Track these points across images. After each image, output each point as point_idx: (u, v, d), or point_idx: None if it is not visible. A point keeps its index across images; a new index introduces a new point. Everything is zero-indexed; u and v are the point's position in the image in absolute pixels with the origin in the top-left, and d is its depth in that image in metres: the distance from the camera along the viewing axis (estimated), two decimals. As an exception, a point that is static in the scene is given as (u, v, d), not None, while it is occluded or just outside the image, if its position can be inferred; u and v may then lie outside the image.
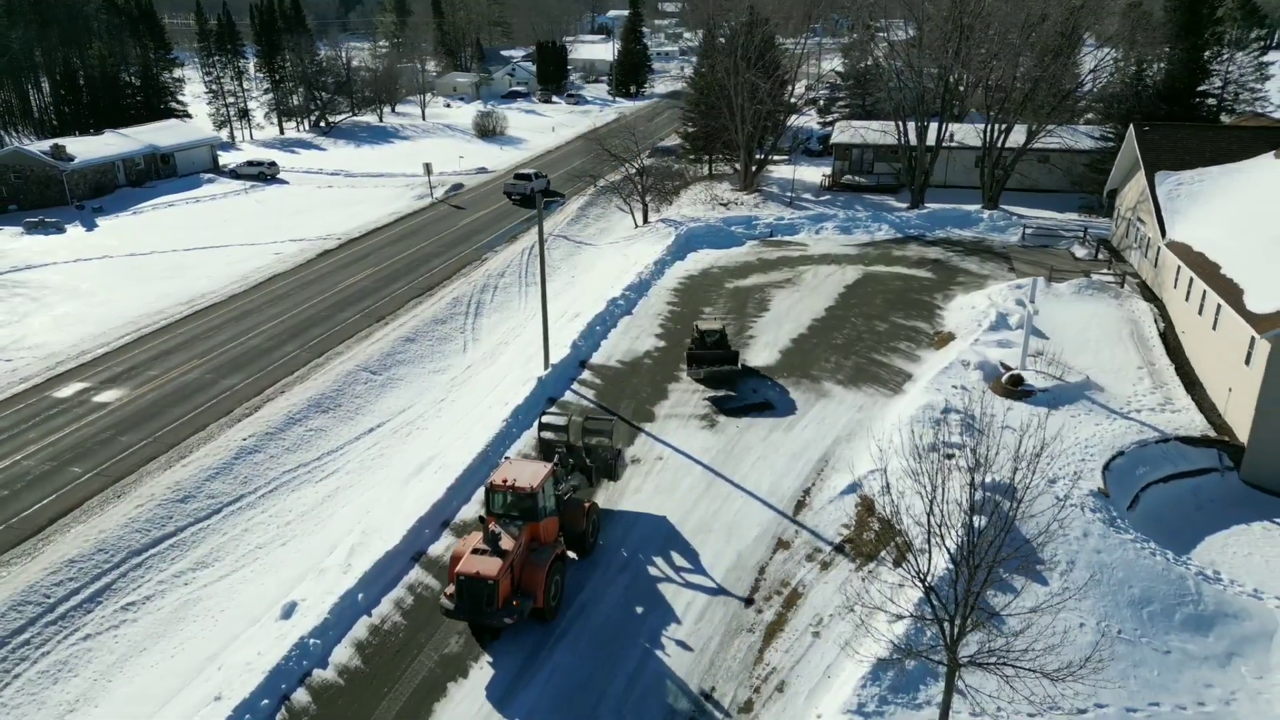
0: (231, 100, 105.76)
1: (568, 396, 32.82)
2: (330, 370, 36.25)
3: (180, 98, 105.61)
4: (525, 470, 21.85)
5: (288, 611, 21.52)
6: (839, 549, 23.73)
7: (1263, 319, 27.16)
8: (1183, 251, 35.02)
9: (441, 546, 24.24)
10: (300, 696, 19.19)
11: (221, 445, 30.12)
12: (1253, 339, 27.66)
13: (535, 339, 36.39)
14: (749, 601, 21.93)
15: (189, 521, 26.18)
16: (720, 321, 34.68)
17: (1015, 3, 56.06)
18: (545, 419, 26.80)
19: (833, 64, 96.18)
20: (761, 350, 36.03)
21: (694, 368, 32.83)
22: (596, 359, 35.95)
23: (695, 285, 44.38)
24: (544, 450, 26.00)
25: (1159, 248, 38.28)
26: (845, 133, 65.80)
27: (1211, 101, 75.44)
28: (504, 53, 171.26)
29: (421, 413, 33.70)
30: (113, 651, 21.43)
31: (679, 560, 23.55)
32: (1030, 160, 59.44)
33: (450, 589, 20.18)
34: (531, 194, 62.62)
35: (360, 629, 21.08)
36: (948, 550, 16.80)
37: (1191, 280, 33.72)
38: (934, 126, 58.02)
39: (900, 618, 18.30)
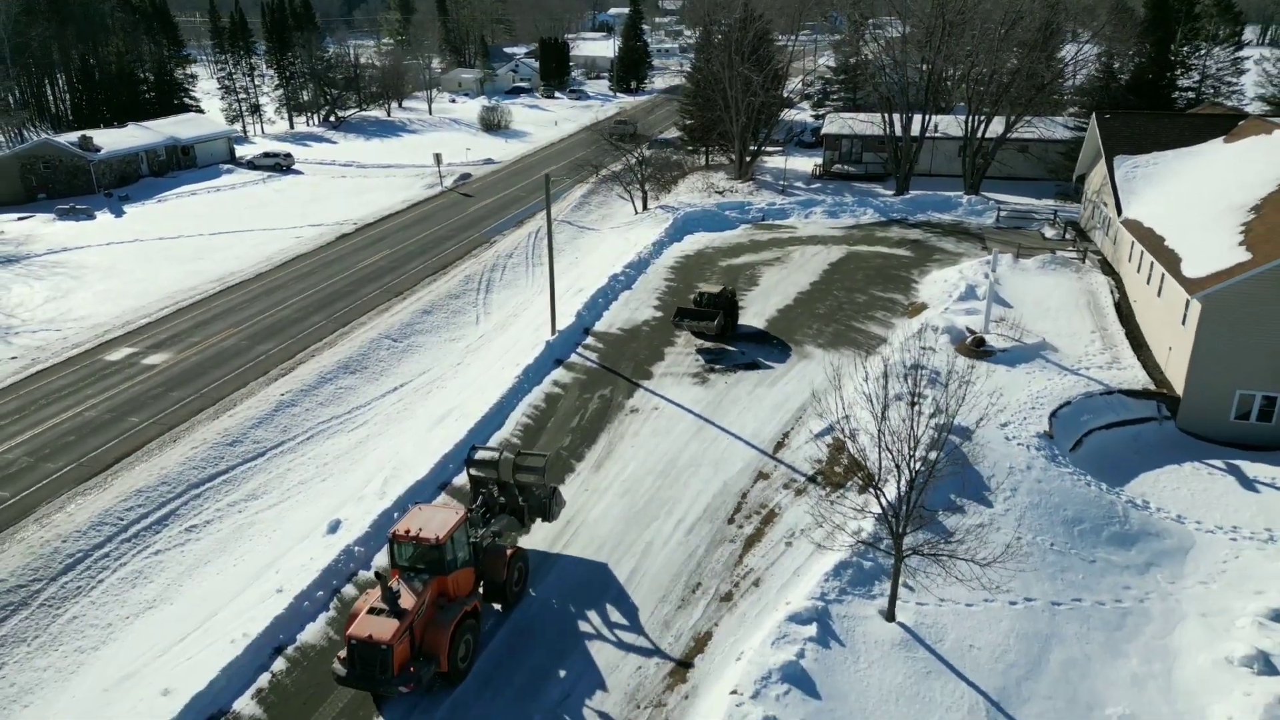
0: (243, 96, 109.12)
1: (573, 359, 36.15)
2: (355, 338, 39.60)
3: (193, 94, 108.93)
4: (433, 519, 19.96)
5: (333, 527, 24.89)
6: (811, 479, 27.06)
7: (1195, 282, 30.46)
8: (1135, 228, 38.30)
9: (463, 478, 27.60)
10: (349, 590, 22.59)
11: (262, 400, 33.49)
12: (1188, 301, 30.96)
13: (543, 312, 39.71)
14: (732, 520, 25.28)
15: (238, 461, 29.54)
16: (720, 285, 38.02)
17: (995, 1, 59.35)
18: (475, 455, 24.10)
19: (826, 59, 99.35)
20: (751, 319, 39.31)
21: (679, 320, 36.36)
22: (599, 327, 39.28)
23: (691, 264, 47.67)
24: (474, 488, 23.93)
25: (1116, 225, 41.57)
26: (834, 124, 69.12)
27: (1190, 94, 78.87)
28: (507, 50, 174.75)
29: (440, 374, 37.05)
30: (180, 563, 24.79)
31: (671, 491, 26.87)
32: (1010, 150, 62.79)
33: (343, 653, 18.48)
34: (632, 134, 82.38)
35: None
36: (894, 461, 20.04)
37: (1141, 253, 37.03)
38: (918, 118, 61.31)
39: (859, 511, 21.69)
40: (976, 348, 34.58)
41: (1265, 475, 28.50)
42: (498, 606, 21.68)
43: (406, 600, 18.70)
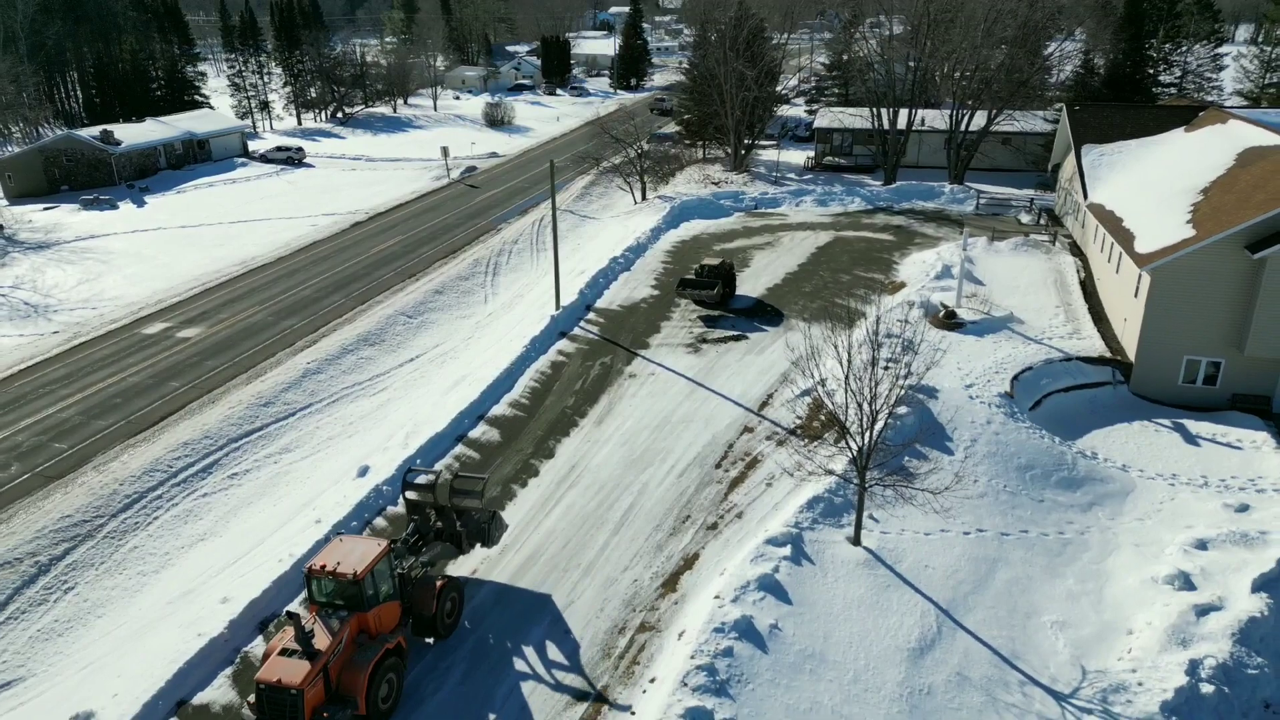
0: (252, 93, 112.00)
1: (576, 331, 39.05)
2: (373, 314, 42.50)
3: (202, 91, 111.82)
4: (353, 552, 19.08)
5: (362, 472, 27.80)
6: (791, 432, 29.95)
7: (1144, 257, 33.32)
8: (1098, 211, 41.14)
9: (479, 431, 30.51)
10: (379, 522, 25.51)
11: (290, 368, 36.40)
12: (1139, 275, 33.83)
13: (547, 293, 42.57)
14: (719, 465, 28.19)
15: (271, 420, 32.45)
16: (720, 259, 41.18)
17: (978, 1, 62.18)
18: (410, 478, 23.22)
19: (819, 57, 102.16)
20: (740, 301, 42.19)
21: (681, 288, 39.95)
22: (600, 304, 42.18)
23: (686, 248, 50.53)
24: (410, 512, 23.23)
25: (1083, 209, 44.43)
26: (826, 118, 71.99)
27: (1172, 90, 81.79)
28: (509, 48, 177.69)
29: (453, 346, 39.95)
30: (226, 504, 27.71)
31: (665, 442, 29.76)
32: (993, 142, 65.61)
33: (252, 698, 17.72)
34: (669, 110, 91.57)
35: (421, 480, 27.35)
36: (857, 402, 22.90)
37: (1103, 234, 39.89)
38: (905, 113, 64.17)
39: (831, 456, 24.57)
40: (948, 320, 37.46)
41: (1207, 432, 31.32)
42: (430, 640, 20.85)
43: (321, 640, 17.77)
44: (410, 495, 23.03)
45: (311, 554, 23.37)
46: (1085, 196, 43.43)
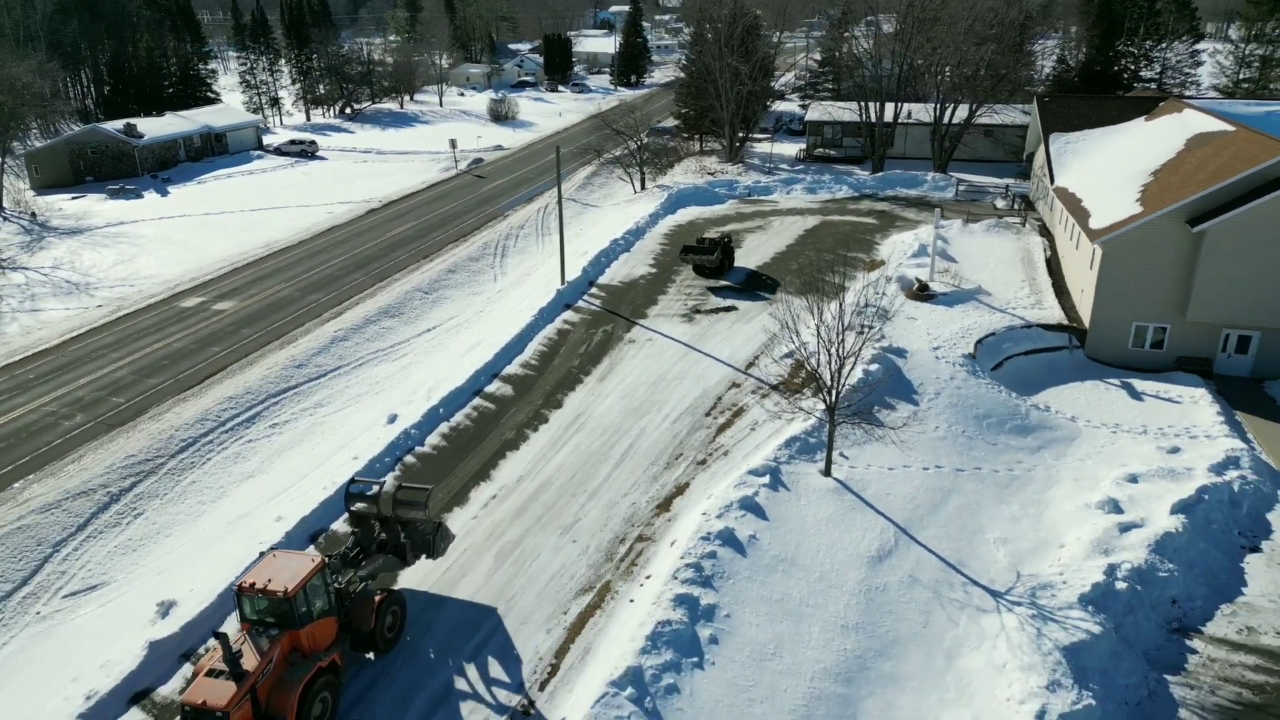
0: (263, 89, 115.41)
1: (580, 304, 42.44)
2: (391, 290, 45.90)
3: (213, 87, 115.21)
4: (285, 568, 18.77)
5: (392, 419, 31.20)
6: (774, 388, 33.32)
7: (1097, 232, 36.67)
8: (1063, 193, 44.49)
9: (493, 387, 33.91)
10: (409, 460, 28.93)
11: (318, 336, 39.80)
12: (1093, 249, 37.21)
13: (553, 272, 45.94)
14: (708, 414, 31.58)
15: (305, 380, 35.85)
16: (719, 232, 44.86)
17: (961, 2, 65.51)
18: (354, 489, 23.18)
19: (812, 54, 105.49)
20: (734, 275, 45.62)
21: (685, 255, 44.27)
22: (602, 280, 45.57)
23: (683, 232, 53.86)
24: (354, 523, 23.09)
25: (1050, 193, 47.79)
26: (816, 112, 75.37)
27: (1152, 85, 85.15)
28: (511, 46, 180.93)
29: (466, 319, 43.32)
30: (270, 448, 31.11)
31: (660, 395, 33.15)
32: (976, 135, 68.95)
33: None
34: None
35: (443, 427, 30.85)
36: (826, 349, 26.27)
37: (1066, 214, 43.26)
38: (891, 106, 67.54)
39: (802, 393, 27.95)
40: (921, 292, 40.87)
41: (1152, 390, 34.66)
42: (369, 656, 20.67)
43: (249, 660, 17.59)
44: (354, 507, 22.79)
45: (369, 473, 26.77)
46: (1052, 181, 46.80)
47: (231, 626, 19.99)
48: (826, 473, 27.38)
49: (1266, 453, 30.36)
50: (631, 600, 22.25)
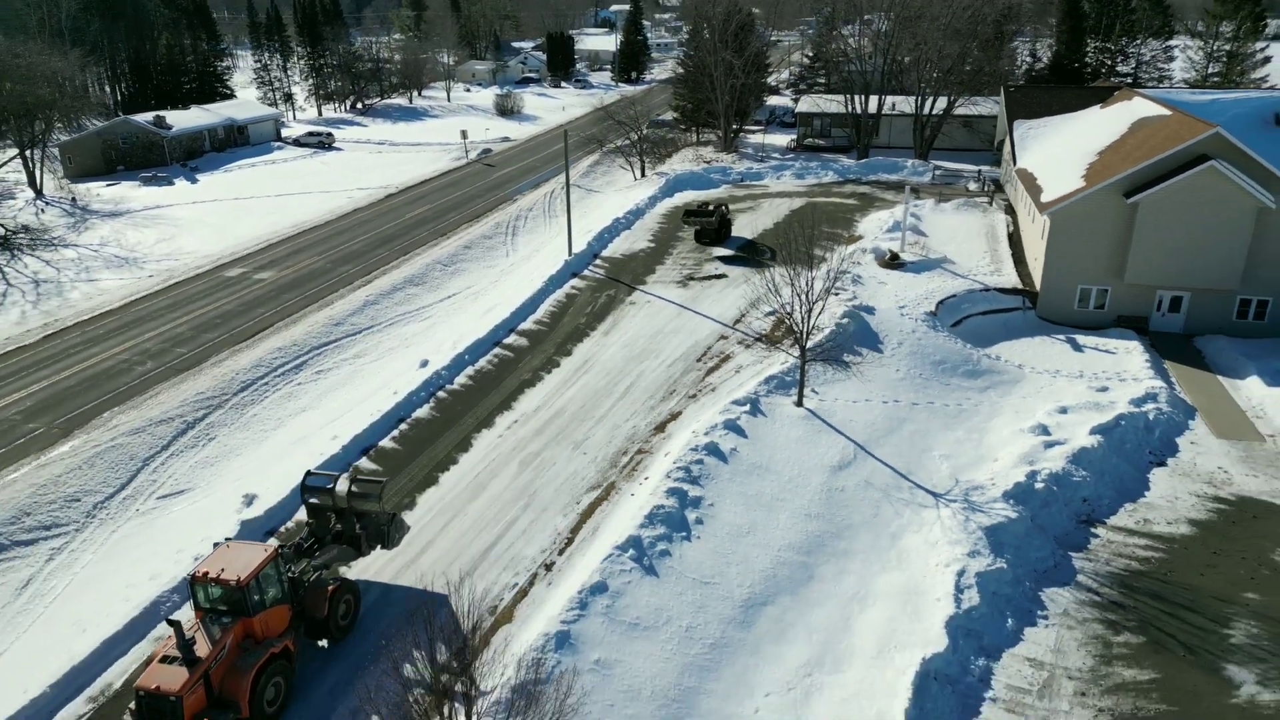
0: (277, 85, 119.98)
1: (586, 273, 47.07)
2: (414, 263, 50.53)
3: (228, 84, 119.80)
4: (238, 558, 19.44)
5: (423, 364, 35.82)
6: (758, 339, 37.95)
7: (1046, 204, 41.26)
8: (1023, 174, 49.04)
9: (511, 339, 38.52)
10: (441, 395, 33.57)
11: (351, 300, 44.43)
12: (1044, 220, 41.80)
13: (561, 248, 50.49)
14: (699, 360, 36.21)
15: (343, 335, 40.49)
16: (714, 200, 49.65)
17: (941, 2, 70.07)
18: (310, 482, 23.65)
19: (805, 51, 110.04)
20: (731, 243, 50.36)
21: (687, 218, 49.75)
22: (605, 253, 50.21)
23: (679, 212, 58.35)
24: (310, 515, 23.61)
25: (1013, 174, 52.38)
26: (806, 104, 79.98)
27: (1129, 79, 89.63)
28: (515, 44, 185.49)
29: (482, 288, 47.93)
30: (318, 389, 35.73)
31: (657, 345, 37.76)
32: (955, 125, 73.51)
33: (133, 705, 18.02)
34: None
35: (469, 370, 35.52)
36: (796, 295, 30.86)
37: (1024, 192, 47.83)
38: (876, 98, 72.13)
39: (781, 344, 32.56)
40: (893, 261, 45.48)
41: (1092, 343, 39.23)
42: (323, 643, 21.36)
43: (202, 647, 18.20)
44: (309, 498, 23.41)
45: (395, 409, 31.45)
46: (1014, 163, 51.38)
47: (186, 615, 20.46)
48: (799, 403, 31.99)
49: (1184, 392, 35.02)
50: (632, 494, 26.90)
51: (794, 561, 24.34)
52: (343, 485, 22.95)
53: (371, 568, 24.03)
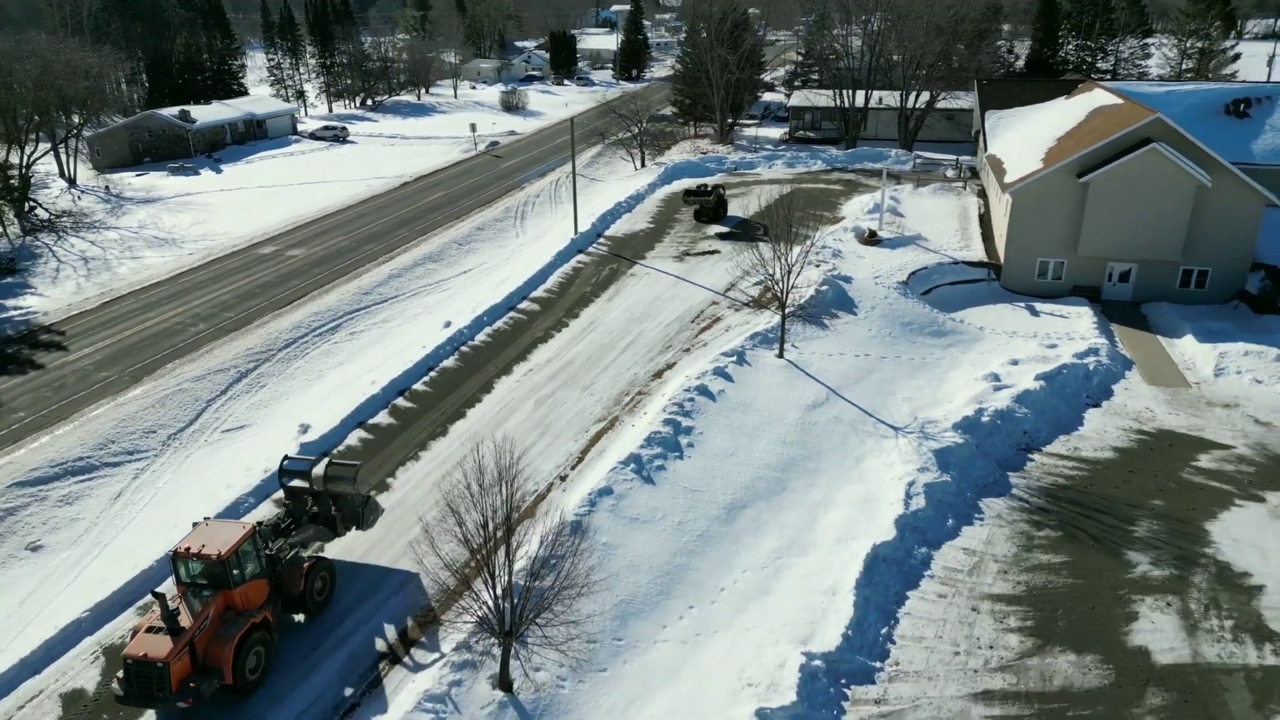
0: (289, 83, 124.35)
1: (590, 250, 51.36)
2: (432, 242, 54.83)
3: (242, 81, 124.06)
4: (217, 535, 20.46)
5: (446, 324, 40.10)
6: (745, 304, 42.23)
7: (1008, 184, 45.54)
8: (992, 159, 53.33)
9: (524, 305, 42.81)
10: (464, 349, 37.89)
11: (377, 274, 48.72)
12: (1007, 199, 46.07)
13: (567, 229, 54.69)
14: (693, 321, 40.51)
15: (372, 303, 44.79)
16: (711, 183, 53.92)
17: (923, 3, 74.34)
18: (287, 466, 24.64)
19: (797, 49, 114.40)
20: (727, 221, 54.64)
21: (687, 198, 54.24)
22: (608, 233, 54.54)
23: (676, 197, 62.71)
24: (288, 498, 24.56)
25: (985, 160, 56.66)
26: (798, 98, 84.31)
27: (1108, 76, 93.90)
28: (518, 43, 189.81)
29: (496, 263, 52.22)
30: (352, 347, 40.01)
31: (655, 309, 42.04)
32: (938, 118, 77.78)
33: (121, 673, 18.99)
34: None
35: (487, 330, 39.85)
36: (775, 259, 35.14)
37: (992, 174, 52.11)
38: (863, 93, 76.42)
39: (767, 307, 36.93)
40: (871, 239, 49.77)
41: (1048, 310, 43.47)
42: (299, 618, 22.28)
43: (185, 618, 19.16)
44: (286, 481, 24.42)
45: (424, 360, 35.75)
46: (985, 150, 55.67)
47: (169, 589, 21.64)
48: (780, 355, 36.26)
49: (1125, 348, 39.37)
50: (633, 425, 31.22)
51: (770, 477, 28.63)
52: (319, 469, 23.97)
53: (412, 479, 28.36)
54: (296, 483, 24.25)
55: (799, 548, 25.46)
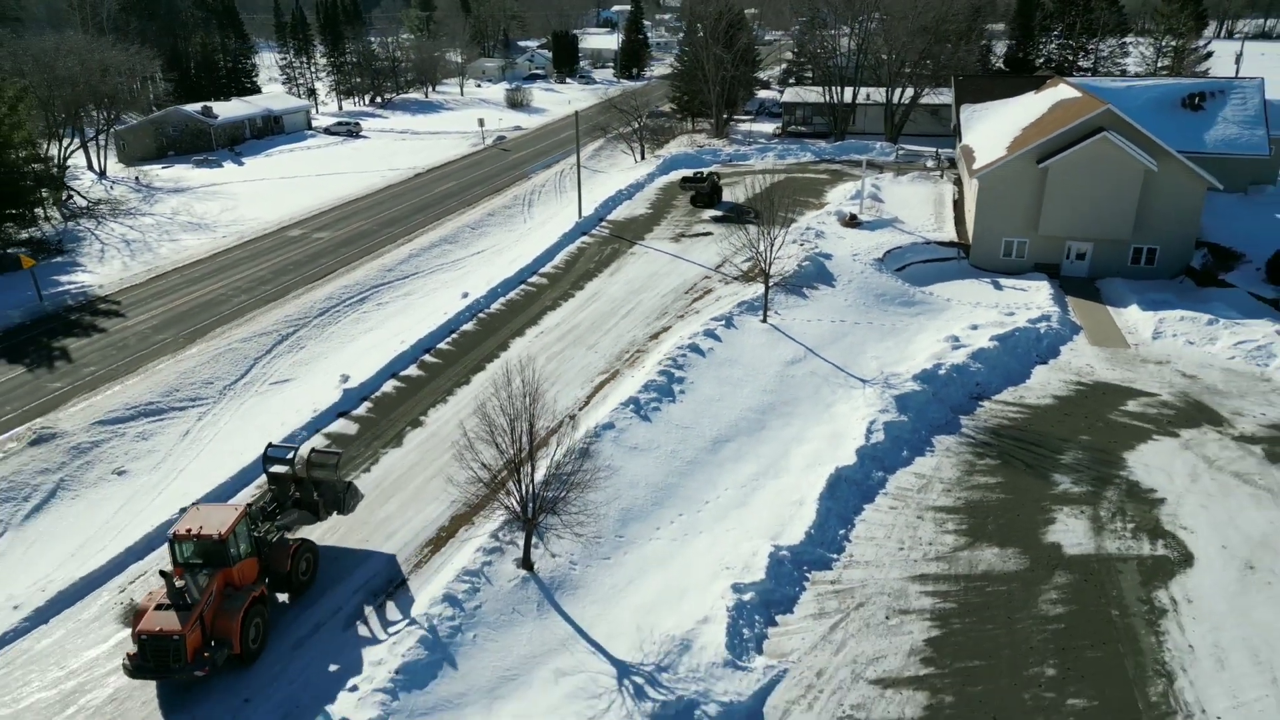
0: (301, 81, 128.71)
1: (593, 232, 55.73)
2: (446, 226, 59.20)
3: (254, 79, 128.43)
4: (213, 517, 21.60)
5: (464, 295, 44.47)
6: (735, 278, 46.57)
7: (975, 170, 49.88)
8: (964, 149, 57.67)
9: (534, 279, 47.17)
10: (481, 316, 42.27)
11: (397, 254, 53.09)
12: (975, 183, 50.38)
13: (572, 216, 59.08)
14: (687, 293, 44.89)
15: (395, 279, 49.14)
16: (708, 171, 58.20)
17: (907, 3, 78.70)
18: (271, 453, 25.71)
19: (790, 48, 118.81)
20: (722, 206, 58.97)
21: (684, 184, 58.42)
22: (610, 217, 58.95)
23: (674, 185, 67.10)
24: (272, 483, 25.45)
25: (959, 150, 60.99)
26: (790, 95, 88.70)
27: (1088, 73, 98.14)
28: (521, 43, 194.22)
29: (506, 245, 56.56)
30: (380, 316, 44.34)
31: (653, 282, 46.38)
32: (923, 112, 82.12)
33: (133, 649, 19.94)
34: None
35: (501, 300, 44.29)
36: (762, 233, 39.48)
37: (964, 163, 56.44)
38: (851, 89, 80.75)
39: (750, 278, 41.34)
40: (852, 221, 54.12)
41: (1010, 284, 47.71)
42: (283, 597, 23.28)
43: (193, 593, 20.25)
44: (271, 469, 25.28)
45: (447, 322, 40.11)
46: (960, 140, 60.01)
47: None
48: (764, 320, 40.60)
49: (1075, 316, 43.69)
50: (632, 376, 35.60)
51: (751, 418, 32.99)
52: (304, 452, 25.50)
53: (441, 417, 32.73)
54: (279, 469, 25.23)
55: (773, 472, 29.81)
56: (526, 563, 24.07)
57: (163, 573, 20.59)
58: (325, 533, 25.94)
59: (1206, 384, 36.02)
